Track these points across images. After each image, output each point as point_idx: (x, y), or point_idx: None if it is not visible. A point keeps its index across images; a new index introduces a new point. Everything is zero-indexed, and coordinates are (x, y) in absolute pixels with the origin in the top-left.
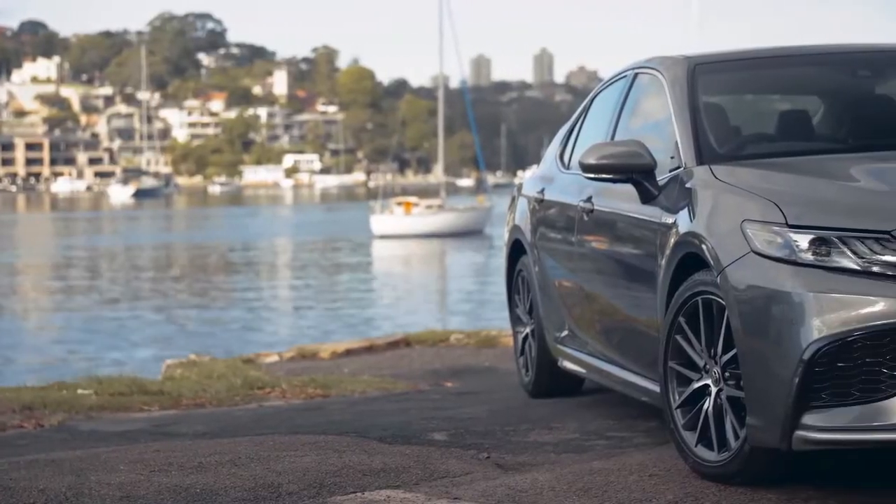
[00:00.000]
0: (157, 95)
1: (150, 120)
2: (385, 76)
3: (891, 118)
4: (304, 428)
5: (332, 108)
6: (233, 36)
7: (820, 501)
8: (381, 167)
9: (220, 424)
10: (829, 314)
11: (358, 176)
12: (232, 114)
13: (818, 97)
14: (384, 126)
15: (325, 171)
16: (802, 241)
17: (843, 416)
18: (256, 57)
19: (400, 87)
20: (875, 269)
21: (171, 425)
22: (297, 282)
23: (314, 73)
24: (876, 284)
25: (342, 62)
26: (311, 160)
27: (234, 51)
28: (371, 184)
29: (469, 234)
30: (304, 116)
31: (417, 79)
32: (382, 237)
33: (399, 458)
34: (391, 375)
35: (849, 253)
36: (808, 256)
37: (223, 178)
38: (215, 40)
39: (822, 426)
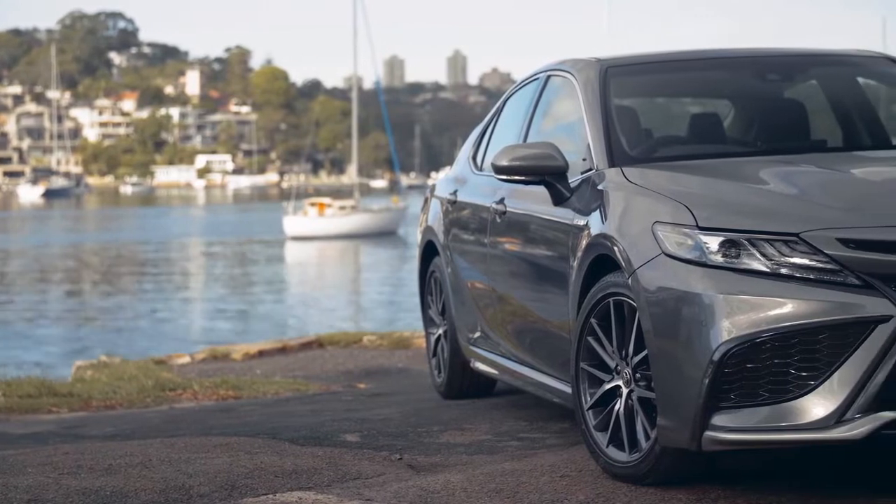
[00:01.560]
0: (67, 95)
1: (60, 119)
2: (299, 77)
3: (799, 122)
4: (216, 429)
5: (245, 109)
6: (145, 35)
7: (729, 501)
8: (294, 168)
9: (130, 426)
10: (739, 316)
11: (271, 177)
12: (144, 114)
13: (729, 100)
14: (298, 127)
15: (238, 171)
16: (712, 243)
17: (751, 416)
18: (168, 56)
19: (313, 87)
20: (783, 271)
21: (81, 427)
22: (207, 283)
23: (227, 73)
24: (784, 286)
25: (255, 62)
26: (224, 161)
27: (146, 50)
28: (284, 184)
29: (383, 235)
30: (217, 117)
31: (331, 80)
32: (295, 238)
33: (311, 459)
34: (304, 377)
35: (758, 255)
36: (718, 258)
37: (135, 179)
38: (127, 39)
39: (731, 427)
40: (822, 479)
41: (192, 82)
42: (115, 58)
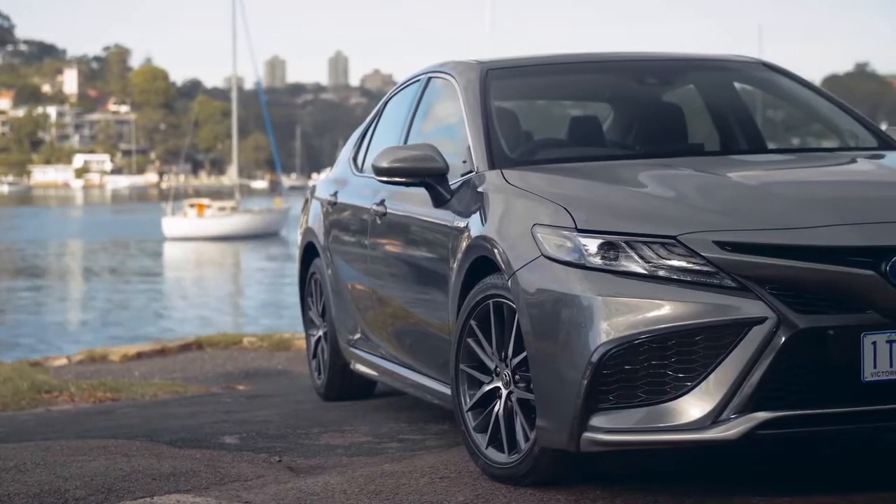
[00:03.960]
0: None
1: None
2: (178, 76)
3: (677, 126)
4: (93, 432)
5: (124, 108)
6: (21, 32)
7: (607, 501)
8: (173, 168)
9: (5, 429)
10: (617, 318)
11: (150, 177)
12: (20, 112)
13: (608, 104)
14: (177, 127)
15: (117, 171)
16: (591, 245)
17: (629, 417)
18: (46, 54)
19: (193, 87)
20: (661, 273)
21: None
22: (81, 285)
23: (106, 72)
24: (662, 288)
25: (135, 61)
26: (103, 160)
27: (23, 47)
28: (164, 185)
29: (265, 236)
30: (96, 116)
31: (212, 80)
32: (174, 239)
33: (189, 462)
34: (183, 379)
35: (636, 257)
36: (597, 261)
37: (11, 178)
38: (3, 36)
39: (609, 428)
40: (700, 479)
41: (69, 81)
42: None
